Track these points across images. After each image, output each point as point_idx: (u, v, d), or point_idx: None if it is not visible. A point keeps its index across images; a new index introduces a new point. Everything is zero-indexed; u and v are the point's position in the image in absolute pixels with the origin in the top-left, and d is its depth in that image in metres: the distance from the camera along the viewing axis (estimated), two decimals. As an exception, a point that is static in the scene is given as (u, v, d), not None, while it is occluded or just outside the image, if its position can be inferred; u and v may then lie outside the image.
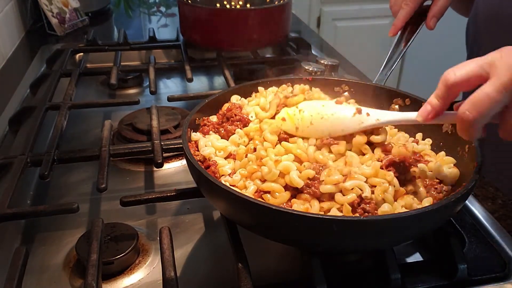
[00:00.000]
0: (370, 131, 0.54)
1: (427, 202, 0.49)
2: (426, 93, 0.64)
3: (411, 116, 0.52)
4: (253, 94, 0.66)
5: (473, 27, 0.77)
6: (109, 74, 0.94)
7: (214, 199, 0.50)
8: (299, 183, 0.48)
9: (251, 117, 0.61)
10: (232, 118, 0.60)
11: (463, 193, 0.44)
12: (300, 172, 0.49)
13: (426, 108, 0.49)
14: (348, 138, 0.54)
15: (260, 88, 0.65)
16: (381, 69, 0.69)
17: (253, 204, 0.43)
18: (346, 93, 0.66)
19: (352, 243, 0.45)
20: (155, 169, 0.73)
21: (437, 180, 0.52)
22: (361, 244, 0.45)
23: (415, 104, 0.61)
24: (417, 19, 0.73)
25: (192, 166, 0.49)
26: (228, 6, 1.24)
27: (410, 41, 0.72)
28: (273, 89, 0.66)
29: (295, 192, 0.49)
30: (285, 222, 0.42)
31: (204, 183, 0.48)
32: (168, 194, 0.58)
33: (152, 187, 0.70)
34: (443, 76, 0.46)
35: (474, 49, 0.79)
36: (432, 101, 0.48)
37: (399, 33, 0.73)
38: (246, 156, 0.53)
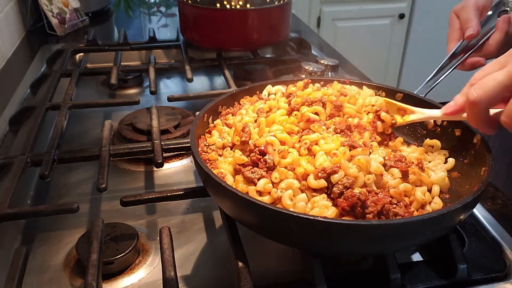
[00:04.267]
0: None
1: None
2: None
3: (435, 113, 0.56)
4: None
5: None
6: (109, 74, 0.94)
7: (220, 199, 0.49)
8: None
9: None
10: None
11: (474, 198, 0.44)
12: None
13: (449, 104, 0.52)
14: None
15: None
16: (427, 80, 0.67)
17: (257, 206, 0.43)
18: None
19: (354, 247, 0.44)
20: (155, 169, 0.73)
21: None
22: (363, 248, 0.45)
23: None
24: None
25: (198, 166, 0.49)
26: (228, 6, 1.24)
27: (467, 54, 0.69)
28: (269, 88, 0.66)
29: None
30: (290, 224, 0.42)
31: (211, 183, 0.47)
32: (169, 194, 0.58)
33: (152, 187, 0.70)
34: (467, 89, 0.47)
35: None
36: (458, 99, 0.51)
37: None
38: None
